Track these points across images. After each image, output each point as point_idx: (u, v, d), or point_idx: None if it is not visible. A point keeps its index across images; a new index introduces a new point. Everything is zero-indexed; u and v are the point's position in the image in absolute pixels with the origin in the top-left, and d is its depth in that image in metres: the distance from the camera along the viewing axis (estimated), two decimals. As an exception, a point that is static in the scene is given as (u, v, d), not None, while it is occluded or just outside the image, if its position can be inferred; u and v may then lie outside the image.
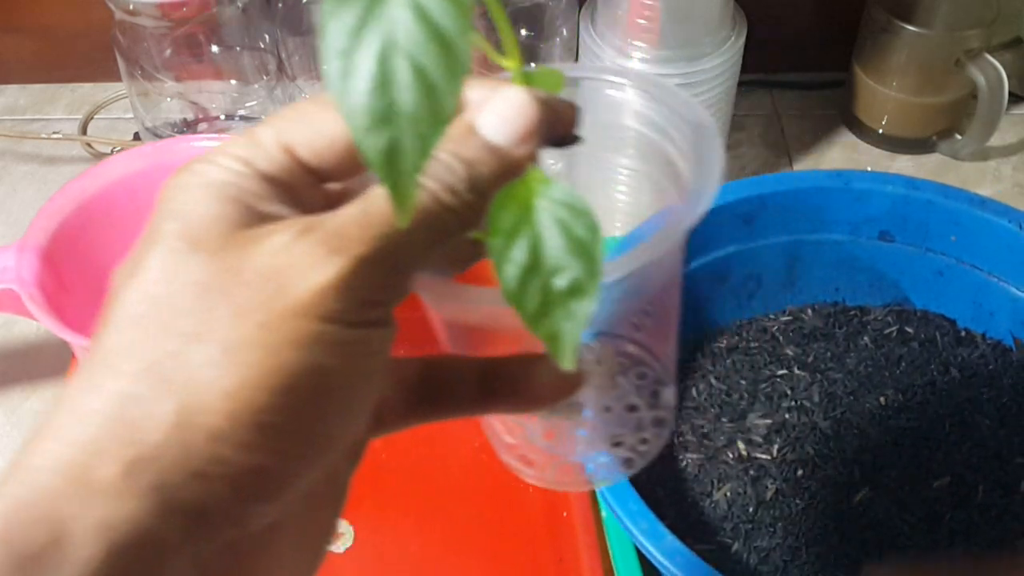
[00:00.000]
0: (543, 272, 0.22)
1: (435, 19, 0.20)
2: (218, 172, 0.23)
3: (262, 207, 0.23)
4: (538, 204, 0.23)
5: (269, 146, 0.23)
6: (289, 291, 0.21)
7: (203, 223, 0.22)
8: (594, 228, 0.23)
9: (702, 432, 0.56)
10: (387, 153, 0.20)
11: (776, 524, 0.52)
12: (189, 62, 0.75)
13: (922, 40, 0.76)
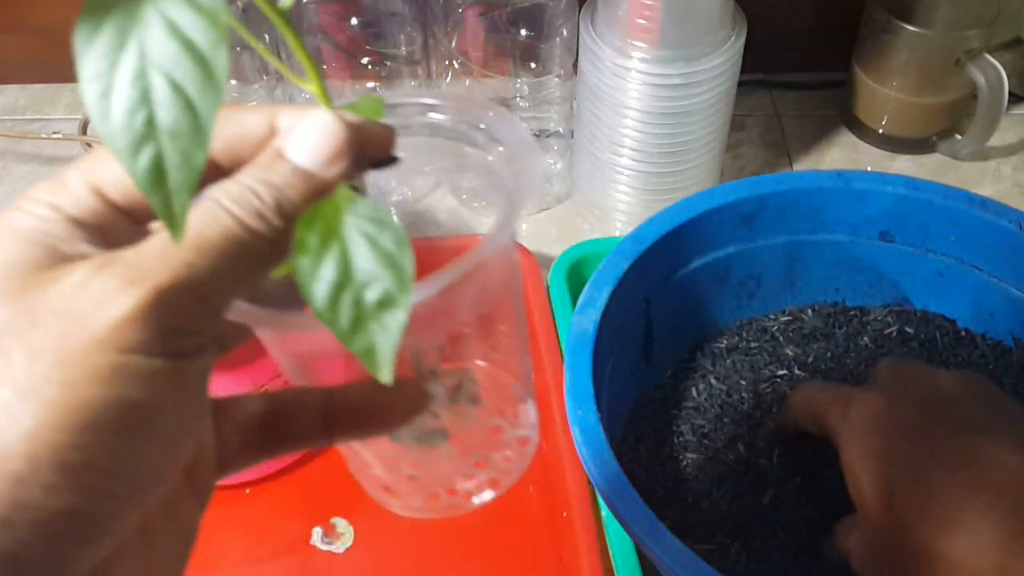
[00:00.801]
0: (354, 287, 0.23)
1: (188, 35, 0.20)
2: (22, 218, 0.23)
3: (67, 248, 0.22)
4: (345, 220, 0.23)
5: (75, 188, 0.23)
6: (86, 325, 0.20)
7: (2, 269, 0.22)
8: (402, 241, 0.23)
9: (702, 432, 0.56)
10: (152, 171, 0.20)
11: (776, 525, 0.52)
12: (189, 62, 0.75)
13: (922, 40, 0.76)
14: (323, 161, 0.23)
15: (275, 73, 0.77)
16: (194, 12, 0.20)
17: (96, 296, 0.21)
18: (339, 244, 0.23)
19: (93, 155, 0.24)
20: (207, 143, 0.20)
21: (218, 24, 0.20)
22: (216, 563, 0.58)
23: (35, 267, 0.22)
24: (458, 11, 0.73)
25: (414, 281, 0.23)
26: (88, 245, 0.23)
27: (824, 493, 0.52)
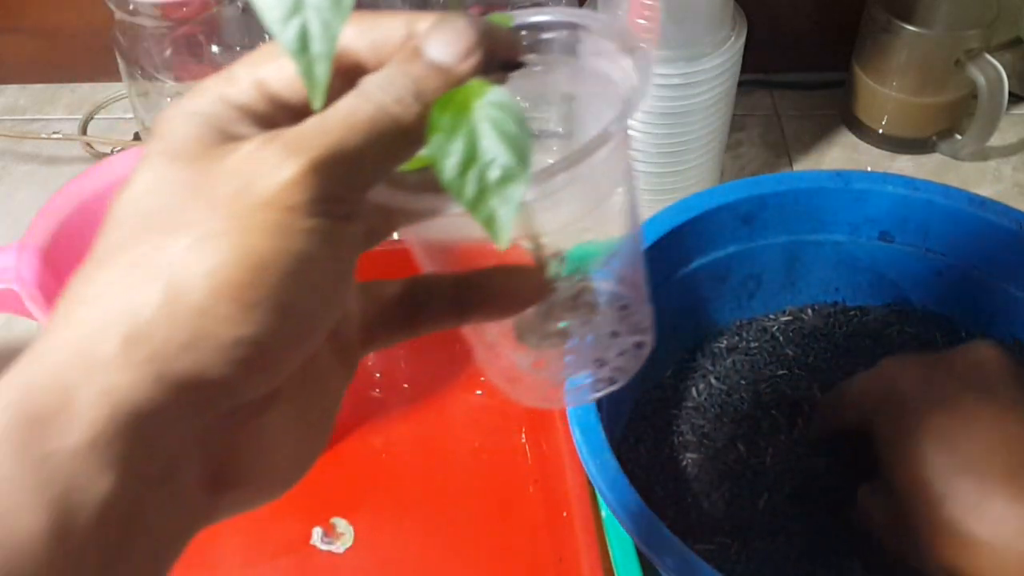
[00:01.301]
0: (479, 164, 0.25)
1: None
2: (196, 104, 0.26)
3: (234, 130, 0.26)
4: (475, 105, 0.26)
5: (242, 81, 0.27)
6: (256, 186, 0.24)
7: (182, 141, 0.25)
8: (523, 124, 0.26)
9: (702, 432, 0.56)
10: (298, 40, 0.23)
11: (775, 525, 0.52)
12: (189, 62, 0.75)
13: (922, 40, 0.76)
14: (456, 57, 0.26)
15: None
16: None
17: (263, 164, 0.24)
18: (468, 125, 0.26)
19: (258, 52, 0.27)
20: (346, 15, 0.23)
21: None
22: (216, 563, 0.58)
23: (209, 142, 0.25)
24: (458, 11, 0.73)
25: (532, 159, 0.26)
26: (252, 129, 0.26)
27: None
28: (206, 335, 0.23)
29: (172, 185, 0.24)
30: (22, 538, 0.21)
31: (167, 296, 0.23)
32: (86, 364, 0.23)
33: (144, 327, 0.23)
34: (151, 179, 0.25)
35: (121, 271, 0.24)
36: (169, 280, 0.23)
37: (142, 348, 0.23)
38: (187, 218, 0.24)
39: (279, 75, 0.26)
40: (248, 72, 0.27)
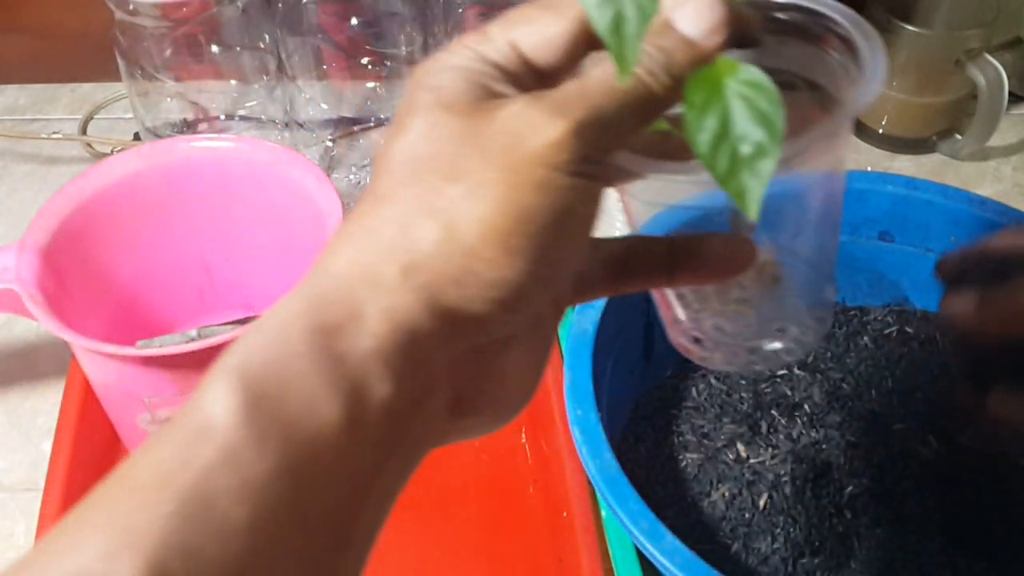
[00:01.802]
0: (731, 139, 0.27)
1: None
2: (458, 59, 0.28)
3: (494, 86, 0.28)
4: (727, 83, 0.27)
5: (497, 41, 0.29)
6: (526, 143, 0.26)
7: (452, 94, 0.27)
8: (775, 102, 0.27)
9: (702, 432, 0.56)
10: (613, 23, 0.25)
11: (775, 525, 0.52)
12: (189, 62, 0.75)
13: (922, 40, 0.76)
14: (705, 32, 0.28)
15: (275, 73, 0.77)
16: None
17: (531, 122, 0.26)
18: (721, 103, 0.27)
19: (511, 16, 0.29)
20: (657, 4, 0.25)
21: None
22: (216, 563, 0.58)
23: (475, 96, 0.27)
24: (458, 11, 0.73)
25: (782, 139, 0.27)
26: (507, 86, 0.28)
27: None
28: (473, 273, 0.26)
29: (447, 134, 0.27)
30: (321, 424, 0.24)
31: (443, 235, 0.26)
32: (371, 284, 0.26)
33: (421, 259, 0.26)
34: (426, 127, 0.27)
35: (403, 207, 0.26)
36: (446, 220, 0.26)
37: (418, 276, 0.26)
38: (462, 166, 0.26)
39: (530, 39, 0.29)
40: (502, 33, 0.29)
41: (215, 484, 0.23)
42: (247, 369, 0.24)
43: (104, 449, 0.62)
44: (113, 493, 0.24)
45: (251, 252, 0.65)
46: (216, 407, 0.24)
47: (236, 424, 0.23)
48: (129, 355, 0.50)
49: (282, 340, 0.25)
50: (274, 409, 0.24)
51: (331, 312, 0.25)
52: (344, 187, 0.81)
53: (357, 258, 0.26)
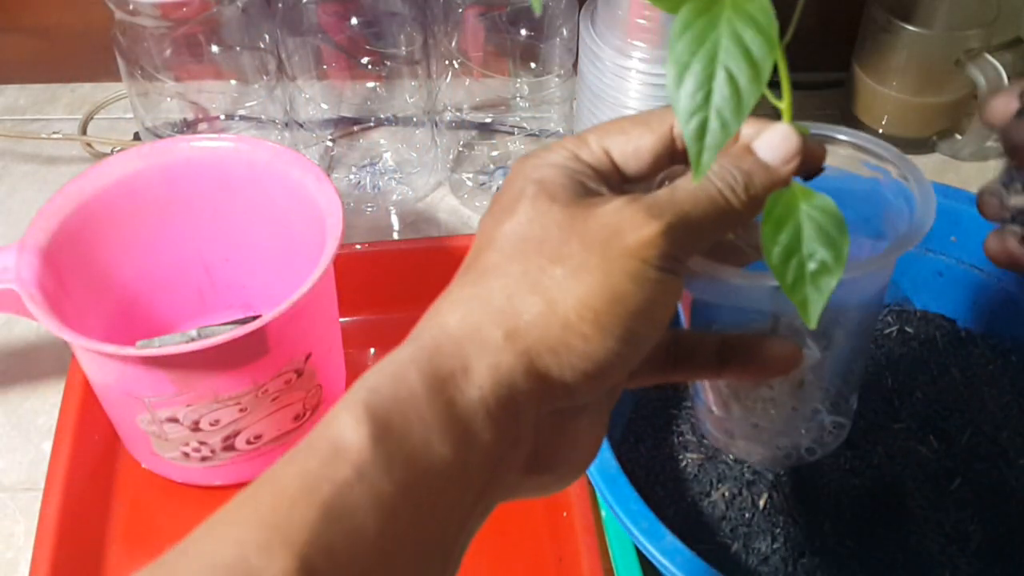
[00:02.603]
0: (800, 254, 0.31)
1: (748, 45, 0.29)
2: (558, 157, 0.32)
3: (589, 184, 0.32)
4: (801, 206, 0.31)
5: (593, 146, 0.33)
6: (624, 237, 0.29)
7: (555, 187, 0.31)
8: (843, 228, 0.31)
9: (702, 432, 0.56)
10: (697, 131, 0.28)
11: (775, 525, 0.52)
12: (189, 62, 0.75)
13: (922, 40, 0.76)
14: (781, 160, 0.32)
15: (275, 73, 0.77)
16: (755, 30, 0.29)
17: (629, 219, 0.30)
18: (794, 222, 0.31)
19: (606, 125, 0.33)
20: (740, 122, 0.28)
21: (771, 41, 0.29)
22: (216, 563, 0.58)
23: (575, 191, 0.31)
24: (458, 11, 0.73)
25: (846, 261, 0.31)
26: (599, 185, 0.32)
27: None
28: (567, 345, 0.29)
29: (551, 221, 0.30)
30: (435, 458, 0.28)
31: (545, 308, 0.30)
32: (479, 343, 0.29)
33: (524, 327, 0.30)
34: (532, 213, 0.31)
35: (510, 280, 0.30)
36: (548, 297, 0.30)
37: (520, 342, 0.29)
38: (565, 251, 0.30)
39: (622, 148, 0.33)
40: (597, 140, 0.33)
41: (351, 497, 0.26)
42: (372, 403, 0.28)
43: (104, 449, 0.62)
44: (263, 496, 0.27)
45: (251, 252, 0.65)
46: (348, 432, 0.27)
47: (367, 448, 0.27)
48: (129, 355, 0.50)
49: (401, 381, 0.28)
50: (398, 440, 0.27)
51: (444, 363, 0.29)
52: (344, 187, 0.81)
53: (468, 319, 0.30)
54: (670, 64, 0.29)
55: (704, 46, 0.29)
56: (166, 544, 0.68)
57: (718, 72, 0.29)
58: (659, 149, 0.33)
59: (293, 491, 0.26)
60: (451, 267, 0.78)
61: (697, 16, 0.29)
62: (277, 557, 0.25)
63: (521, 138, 0.82)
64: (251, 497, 0.27)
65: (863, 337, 0.41)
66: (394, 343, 0.30)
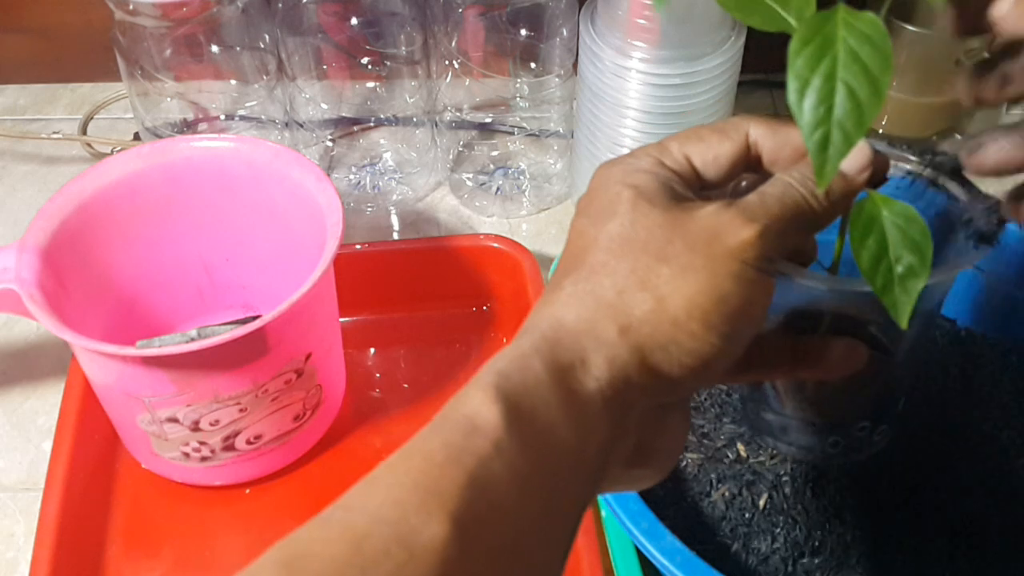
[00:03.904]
0: (888, 260, 0.33)
1: (866, 61, 0.30)
2: (645, 164, 0.34)
3: (677, 189, 0.34)
4: (883, 214, 0.33)
5: (675, 153, 0.35)
6: (724, 239, 0.31)
7: (651, 191, 0.33)
8: (925, 233, 0.33)
9: (702, 432, 0.56)
10: (820, 143, 0.30)
11: (775, 525, 0.52)
12: (189, 62, 0.75)
13: (922, 40, 0.76)
14: (855, 169, 0.34)
15: (275, 73, 0.77)
16: (871, 47, 0.30)
17: (728, 223, 0.32)
18: (879, 229, 0.33)
19: (685, 134, 0.35)
20: (862, 134, 0.30)
21: (887, 58, 0.30)
22: (216, 563, 0.58)
23: (667, 195, 0.33)
24: (458, 11, 0.73)
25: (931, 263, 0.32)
26: (685, 189, 0.34)
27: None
28: (675, 341, 0.31)
29: (653, 223, 0.32)
30: (560, 442, 0.29)
31: (655, 306, 0.31)
32: (595, 337, 0.31)
33: (636, 323, 0.31)
34: (633, 215, 0.32)
35: (619, 279, 0.32)
36: (657, 295, 0.31)
37: (633, 337, 0.31)
38: (669, 251, 0.32)
39: (702, 155, 0.35)
40: (679, 147, 0.35)
41: (491, 469, 0.28)
42: (503, 386, 0.29)
43: (104, 449, 0.62)
44: (414, 462, 0.28)
45: (251, 252, 0.65)
46: (483, 409, 0.29)
47: (501, 426, 0.29)
48: (129, 355, 0.50)
49: (527, 368, 0.30)
50: (528, 421, 0.29)
51: (564, 354, 0.31)
52: (344, 187, 0.81)
53: (583, 314, 0.32)
54: (791, 79, 0.30)
55: (823, 62, 0.30)
56: (166, 544, 0.68)
57: (839, 87, 0.30)
58: (736, 157, 0.35)
59: (440, 459, 0.28)
60: (451, 267, 0.78)
61: (813, 33, 0.31)
62: (434, 517, 0.27)
63: (521, 138, 0.82)
64: (401, 463, 0.29)
65: (920, 344, 0.43)
66: (394, 343, 0.31)
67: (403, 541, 0.26)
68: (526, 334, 0.32)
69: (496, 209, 0.80)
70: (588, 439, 0.30)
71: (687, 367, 0.32)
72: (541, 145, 0.82)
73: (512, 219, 0.79)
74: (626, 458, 0.33)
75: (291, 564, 0.27)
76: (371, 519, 0.27)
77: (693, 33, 0.66)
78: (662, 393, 0.32)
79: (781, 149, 0.35)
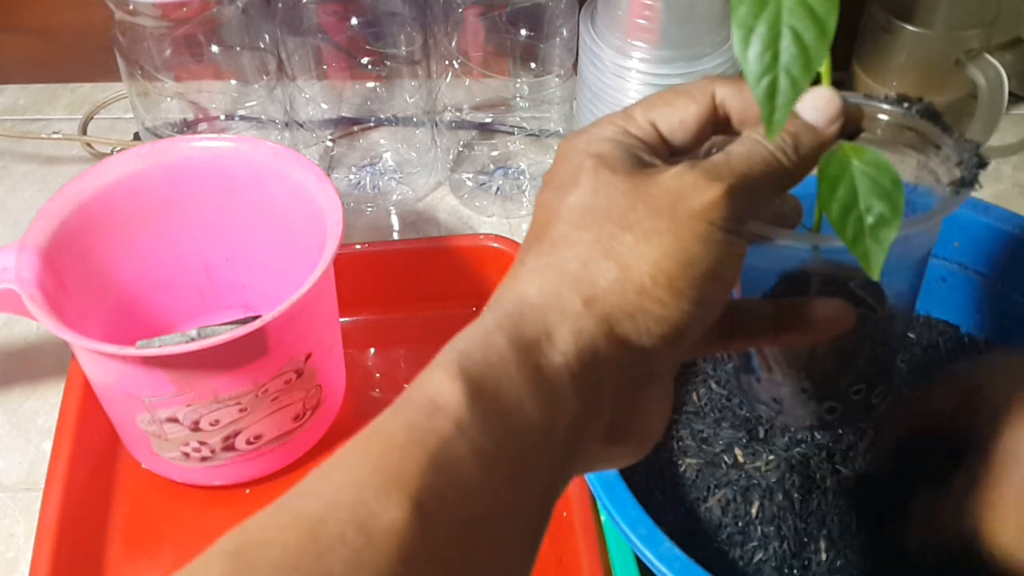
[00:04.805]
0: (858, 209, 0.32)
1: (811, 3, 0.29)
2: (609, 132, 0.33)
3: (642, 156, 0.33)
4: (854, 162, 0.32)
5: (640, 120, 0.34)
6: (688, 201, 0.30)
7: (613, 159, 0.32)
8: (896, 180, 0.32)
9: (701, 437, 0.56)
10: (768, 91, 0.30)
11: (769, 532, 0.52)
12: (189, 62, 0.75)
13: (922, 40, 0.76)
14: (826, 121, 0.33)
15: (275, 73, 0.77)
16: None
17: (692, 184, 0.31)
18: (848, 179, 0.32)
19: (651, 99, 0.34)
20: (810, 77, 0.30)
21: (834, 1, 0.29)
22: (216, 563, 0.58)
23: (631, 162, 0.32)
24: (458, 11, 0.73)
25: (903, 211, 0.32)
26: (650, 156, 0.33)
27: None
28: (643, 309, 0.30)
29: (615, 191, 0.31)
30: (526, 420, 0.29)
31: (620, 274, 0.30)
32: (560, 310, 0.30)
33: (601, 293, 0.30)
34: (595, 184, 0.32)
35: (583, 248, 0.31)
36: (622, 263, 0.30)
37: (599, 307, 0.30)
38: (632, 217, 0.31)
39: (668, 119, 0.34)
40: (643, 113, 0.34)
41: (455, 449, 0.27)
42: (465, 364, 0.29)
43: (104, 449, 0.62)
44: (374, 445, 0.28)
45: (251, 252, 0.65)
46: (444, 389, 0.28)
47: (463, 405, 0.28)
48: (129, 355, 0.50)
49: (490, 345, 0.29)
50: (491, 399, 0.28)
51: (528, 329, 0.30)
52: (344, 187, 0.81)
53: (546, 287, 0.31)
54: (734, 28, 0.29)
55: (767, 8, 0.30)
56: (166, 544, 0.69)
57: (784, 32, 0.29)
58: (703, 119, 0.34)
59: (401, 440, 0.27)
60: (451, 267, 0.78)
61: None
62: (394, 500, 0.26)
63: (521, 138, 0.82)
64: (361, 445, 0.28)
65: (907, 301, 0.42)
66: (394, 343, 0.30)
67: (361, 526, 0.26)
68: (489, 311, 0.31)
69: (496, 209, 0.80)
70: (557, 415, 0.29)
71: (657, 335, 0.31)
72: (541, 145, 0.82)
73: (512, 219, 0.79)
74: (602, 436, 0.32)
75: (239, 555, 0.26)
76: (327, 504, 0.26)
77: (693, 33, 0.66)
78: (634, 365, 0.31)
79: (749, 108, 0.34)
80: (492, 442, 0.28)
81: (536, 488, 0.30)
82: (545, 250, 0.32)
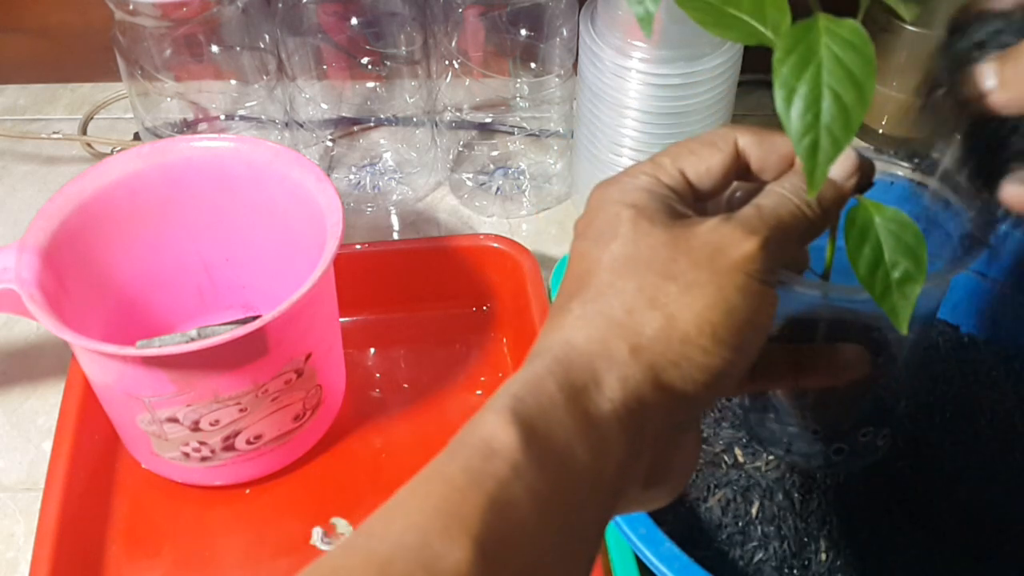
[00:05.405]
0: (884, 266, 0.33)
1: (850, 67, 0.31)
2: (641, 182, 0.34)
3: (675, 205, 0.34)
4: (876, 221, 0.34)
5: (669, 168, 0.35)
6: (728, 253, 0.32)
7: (650, 209, 0.33)
8: (919, 236, 0.33)
9: (702, 437, 0.56)
10: (809, 149, 0.30)
11: (769, 532, 0.52)
12: (189, 62, 0.75)
13: (922, 40, 0.76)
14: (843, 175, 0.35)
15: (275, 73, 0.77)
16: (854, 53, 0.31)
17: (729, 237, 0.32)
18: (873, 236, 0.34)
19: (676, 148, 0.35)
20: (851, 138, 0.30)
21: (870, 63, 0.31)
22: (216, 563, 0.58)
23: (668, 213, 0.33)
24: (458, 11, 0.73)
25: (926, 267, 0.33)
26: (682, 206, 0.34)
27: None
28: (687, 358, 0.31)
29: (656, 241, 0.32)
30: (577, 463, 0.29)
31: (665, 323, 0.31)
32: (607, 358, 0.31)
33: (647, 342, 0.31)
34: (635, 234, 0.33)
35: (627, 296, 0.32)
36: (666, 312, 0.31)
37: (645, 355, 0.31)
38: (675, 268, 0.32)
39: (695, 168, 0.35)
40: (673, 163, 0.35)
41: (511, 492, 0.28)
42: (518, 409, 0.30)
43: (104, 449, 0.62)
44: (434, 487, 0.28)
45: (251, 252, 0.65)
46: (499, 432, 0.29)
47: (519, 449, 0.29)
48: (129, 355, 0.50)
49: (541, 391, 0.30)
50: (544, 443, 0.29)
51: (577, 376, 0.31)
52: (344, 187, 0.81)
53: (593, 335, 0.32)
54: (777, 88, 0.31)
55: (808, 70, 0.31)
56: (166, 544, 0.68)
57: (824, 93, 0.30)
58: (728, 167, 0.35)
59: (460, 483, 0.28)
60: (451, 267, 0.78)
61: (796, 43, 0.31)
62: (457, 542, 0.27)
63: (521, 138, 0.82)
64: (421, 488, 0.29)
65: (919, 346, 0.43)
66: (394, 343, 0.30)
67: (427, 567, 0.26)
68: (537, 357, 0.32)
69: (496, 209, 0.80)
70: (605, 459, 0.30)
71: (700, 383, 0.32)
72: (541, 145, 0.82)
73: (512, 219, 0.79)
74: (642, 478, 0.33)
75: None
76: (393, 545, 0.27)
77: (693, 33, 0.66)
78: (676, 410, 0.32)
79: (768, 157, 0.35)
80: (546, 485, 0.29)
81: (586, 531, 0.30)
82: (590, 298, 0.33)
